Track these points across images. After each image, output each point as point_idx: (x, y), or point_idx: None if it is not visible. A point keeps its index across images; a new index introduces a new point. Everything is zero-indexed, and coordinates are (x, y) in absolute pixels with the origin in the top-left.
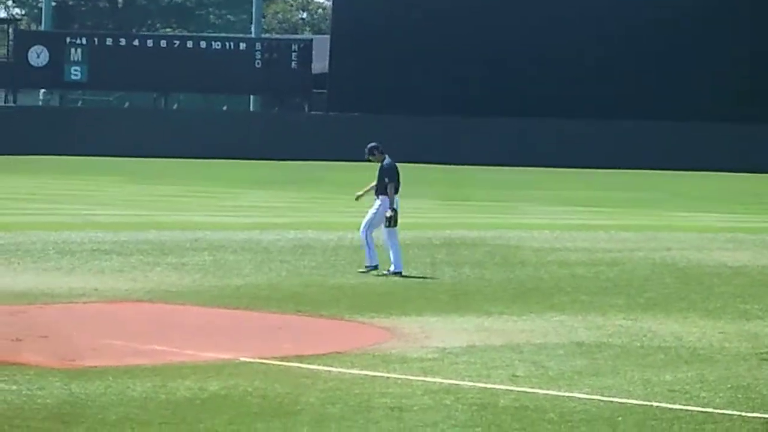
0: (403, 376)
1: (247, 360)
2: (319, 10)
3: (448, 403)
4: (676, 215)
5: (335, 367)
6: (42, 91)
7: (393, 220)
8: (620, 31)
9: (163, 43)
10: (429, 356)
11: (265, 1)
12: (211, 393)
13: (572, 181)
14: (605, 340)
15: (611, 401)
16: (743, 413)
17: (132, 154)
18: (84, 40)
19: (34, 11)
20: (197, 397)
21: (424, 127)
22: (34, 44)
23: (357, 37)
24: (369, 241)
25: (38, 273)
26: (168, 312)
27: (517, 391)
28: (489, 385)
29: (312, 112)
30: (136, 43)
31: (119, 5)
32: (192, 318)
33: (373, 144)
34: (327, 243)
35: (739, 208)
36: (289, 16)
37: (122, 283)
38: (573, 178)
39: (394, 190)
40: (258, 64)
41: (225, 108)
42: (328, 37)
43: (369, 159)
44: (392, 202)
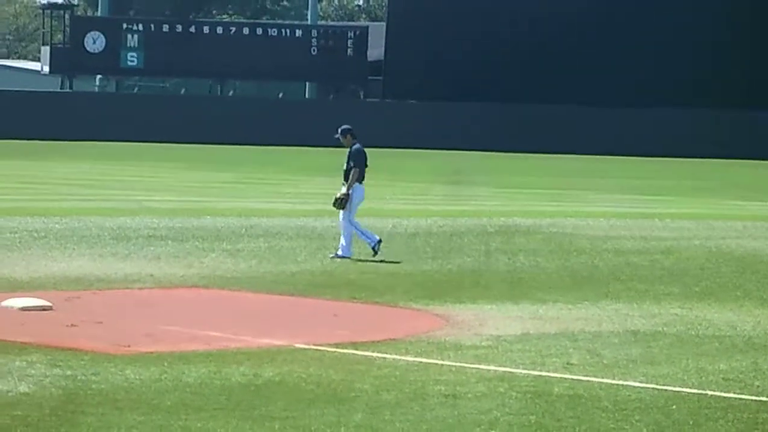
0: (458, 364)
1: (302, 346)
2: None
3: (502, 390)
4: (731, 204)
5: (390, 354)
6: (98, 77)
7: (342, 202)
8: (687, 19)
9: (220, 30)
10: (483, 344)
11: None
12: (266, 379)
13: (628, 169)
14: (660, 329)
15: (665, 390)
16: None
17: (188, 140)
18: (140, 27)
19: None
20: (252, 383)
21: (480, 114)
22: (91, 30)
23: (413, 24)
24: (356, 227)
25: (94, 259)
26: (223, 298)
27: (572, 379)
28: (543, 373)
29: (367, 99)
30: (192, 29)
31: None
32: (247, 304)
33: (347, 126)
34: (382, 230)
35: None
36: (345, 3)
37: (178, 269)
38: (628, 166)
39: (360, 177)
40: (314, 51)
41: (281, 95)
42: (384, 24)
43: (339, 140)
44: (350, 187)
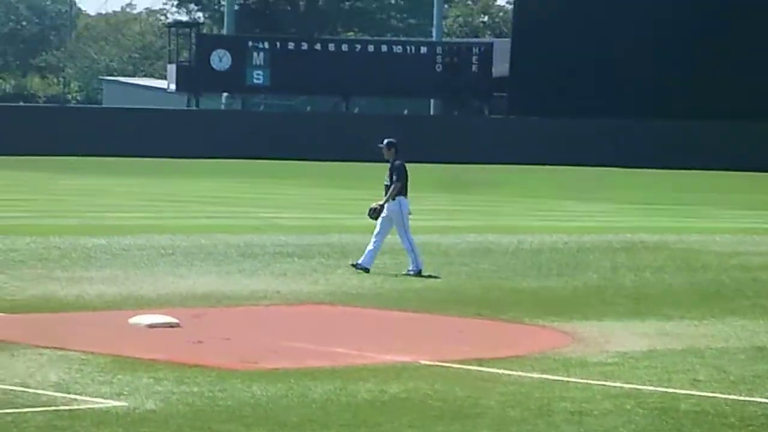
0: (584, 381)
1: (427, 363)
2: (500, 14)
3: (629, 407)
4: None
5: (515, 371)
6: (224, 95)
7: (377, 213)
8: None
9: (345, 48)
10: (609, 360)
11: (447, 5)
12: (392, 395)
13: (755, 184)
14: None
15: None
16: None
17: (314, 157)
18: (266, 44)
19: (217, 15)
20: (377, 400)
21: (604, 130)
22: (217, 48)
23: (538, 40)
24: (411, 243)
25: (221, 275)
26: (349, 314)
27: (698, 396)
28: (670, 390)
29: (492, 116)
30: (317, 47)
31: (301, 9)
32: (372, 320)
33: (392, 139)
34: (507, 246)
35: None
36: (470, 20)
37: (304, 285)
38: (753, 181)
39: (404, 191)
40: (439, 67)
41: (406, 111)
42: (509, 40)
43: (382, 151)
44: (387, 200)
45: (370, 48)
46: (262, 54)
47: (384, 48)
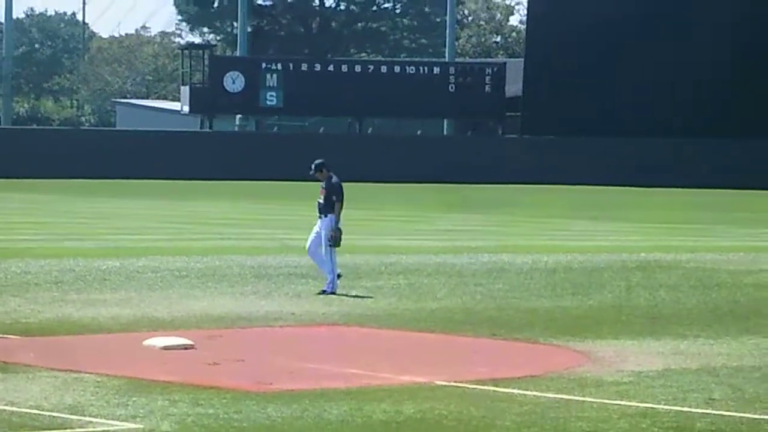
0: (599, 400)
1: (442, 383)
2: (513, 34)
3: (644, 426)
4: None
5: (530, 391)
6: (238, 116)
7: (338, 240)
8: None
9: (358, 68)
10: (624, 380)
11: (459, 25)
12: (407, 416)
13: (762, 202)
14: None
15: None
16: None
17: None
18: (279, 66)
19: (229, 37)
20: (393, 420)
21: (618, 148)
22: (230, 70)
23: (551, 60)
24: (324, 257)
25: (235, 297)
26: (363, 335)
27: (714, 415)
28: (685, 409)
29: (506, 136)
30: (330, 68)
31: (313, 30)
32: (387, 341)
33: (321, 161)
34: (521, 266)
35: None
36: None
37: (318, 306)
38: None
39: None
40: (452, 88)
41: (419, 132)
42: (522, 60)
43: (314, 176)
44: (338, 221)
45: (383, 69)
46: (275, 75)
47: (397, 69)
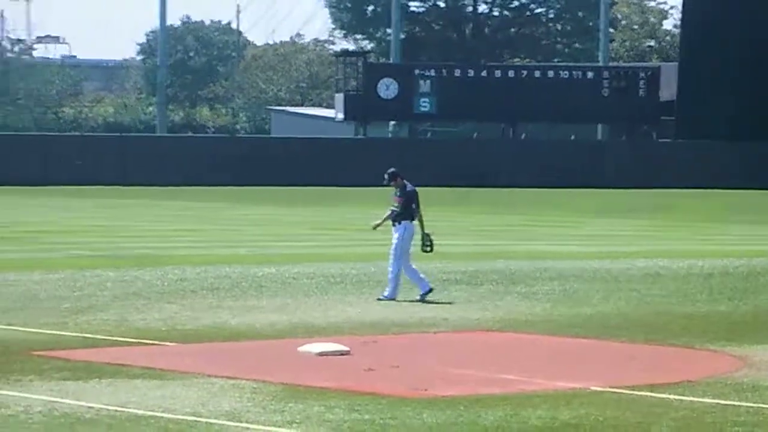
0: (756, 405)
1: (598, 389)
2: (667, 38)
3: None
4: None
5: (686, 396)
6: (391, 123)
7: (432, 245)
8: None
9: (511, 74)
10: None
11: (613, 29)
12: (563, 422)
13: None
14: None
15: None
16: None
17: (481, 184)
18: (432, 72)
19: (383, 44)
20: (548, 426)
21: None
22: (384, 77)
23: (706, 63)
24: (405, 273)
25: (388, 304)
26: (518, 341)
27: None
28: None
29: (660, 140)
30: (484, 73)
31: (467, 36)
32: (542, 347)
33: (394, 169)
34: (677, 271)
35: None
36: (636, 44)
37: (472, 312)
38: None
39: (409, 216)
40: (605, 92)
41: (573, 137)
42: (676, 64)
43: (390, 184)
44: (423, 227)
45: (537, 74)
46: (428, 82)
47: (550, 73)
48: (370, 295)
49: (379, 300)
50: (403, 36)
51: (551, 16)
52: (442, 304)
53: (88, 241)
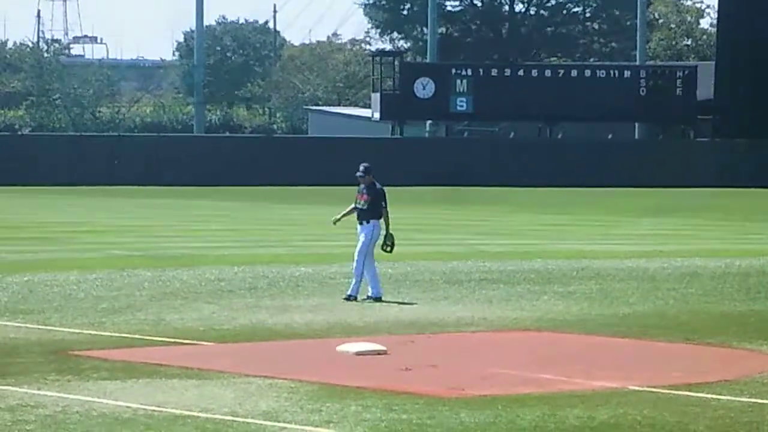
0: None
1: (636, 388)
2: (703, 37)
3: None
4: None
5: (724, 396)
6: (428, 122)
7: (390, 245)
8: None
9: (548, 73)
10: None
11: (649, 29)
12: (600, 422)
13: None
14: None
15: None
16: None
17: (517, 183)
18: (469, 71)
19: (419, 43)
20: (586, 426)
21: None
22: (420, 76)
23: (743, 62)
24: (364, 270)
25: (427, 302)
26: (555, 340)
27: None
28: None
29: (697, 139)
30: (520, 73)
31: (503, 36)
32: (579, 346)
33: (369, 165)
34: (714, 270)
35: None
36: (673, 43)
37: (509, 312)
38: None
39: (377, 216)
40: (642, 91)
41: (610, 136)
42: (713, 63)
43: (363, 177)
44: (389, 226)
45: (574, 73)
46: (465, 81)
47: (587, 73)
48: (407, 295)
49: (365, 299)
50: (439, 35)
51: (588, 15)
52: (480, 303)
53: (126, 241)
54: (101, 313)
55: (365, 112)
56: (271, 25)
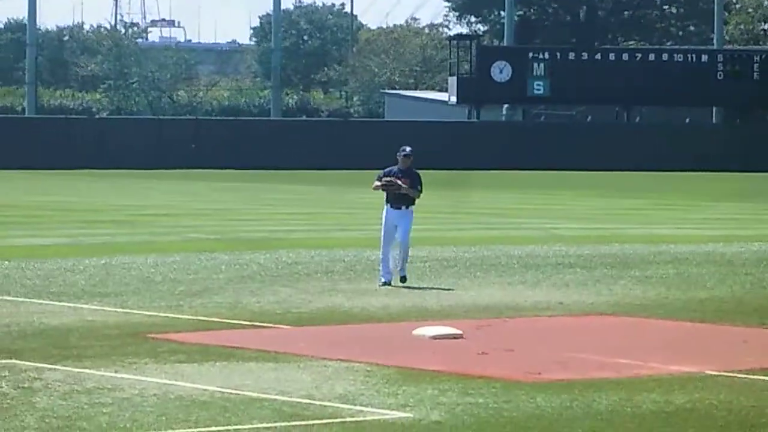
0: None
1: (713, 373)
2: None
3: None
4: None
5: None
6: (505, 106)
7: (393, 186)
8: None
9: (625, 57)
10: None
11: (727, 12)
12: (677, 406)
13: None
14: None
15: None
16: None
17: (594, 167)
18: (546, 55)
19: (497, 27)
20: (662, 411)
21: None
22: (497, 60)
23: None
24: (389, 254)
25: (503, 287)
26: (632, 325)
27: None
28: None
29: None
30: (597, 56)
31: (581, 19)
32: (656, 331)
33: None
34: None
35: None
36: (751, 27)
37: (586, 296)
38: None
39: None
40: (720, 75)
41: (687, 120)
42: None
43: (404, 159)
44: (408, 192)
45: (651, 57)
46: (542, 65)
47: (665, 56)
48: (484, 279)
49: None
50: (516, 18)
51: None
52: (557, 287)
53: (203, 225)
54: (178, 297)
55: (442, 96)
56: (348, 9)
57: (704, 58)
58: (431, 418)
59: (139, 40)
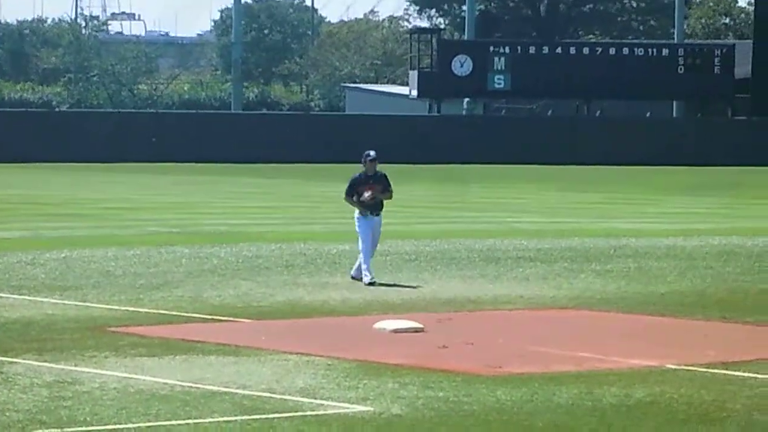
0: None
1: (673, 367)
2: (741, 15)
3: None
4: None
5: (761, 374)
6: (466, 100)
7: (372, 199)
8: None
9: (586, 51)
10: None
11: (688, 7)
12: (637, 400)
13: None
14: None
15: None
16: None
17: (555, 161)
18: (507, 49)
19: (457, 21)
20: (623, 404)
21: None
22: (458, 53)
23: None
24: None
25: (464, 280)
26: (592, 319)
27: None
28: None
29: (735, 118)
30: (558, 50)
31: (541, 13)
32: (617, 325)
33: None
34: (752, 249)
35: None
36: (711, 21)
37: (547, 290)
38: None
39: None
40: (680, 69)
41: (648, 114)
42: (751, 42)
43: (370, 163)
44: (383, 200)
45: (612, 51)
46: (503, 59)
47: (625, 50)
48: (444, 273)
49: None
50: (477, 12)
51: None
52: (518, 281)
53: (163, 218)
54: (139, 290)
55: (403, 90)
56: (308, 2)
57: (665, 52)
58: (392, 412)
59: (100, 34)
